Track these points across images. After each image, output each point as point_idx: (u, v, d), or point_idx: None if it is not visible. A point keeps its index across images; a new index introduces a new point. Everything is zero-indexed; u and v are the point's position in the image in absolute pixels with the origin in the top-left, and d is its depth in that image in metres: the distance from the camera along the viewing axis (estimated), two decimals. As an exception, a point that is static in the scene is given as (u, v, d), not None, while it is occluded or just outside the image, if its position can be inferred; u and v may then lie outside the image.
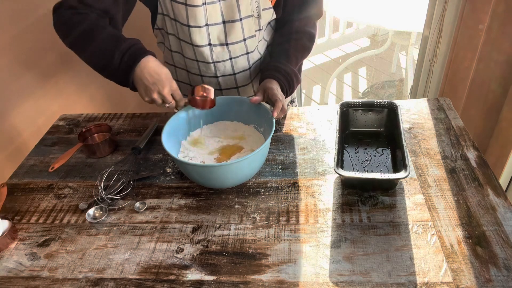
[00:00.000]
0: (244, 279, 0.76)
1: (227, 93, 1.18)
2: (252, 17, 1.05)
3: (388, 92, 2.95)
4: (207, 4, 1.00)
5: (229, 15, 1.03)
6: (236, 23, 1.04)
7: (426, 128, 1.08)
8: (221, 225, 0.88)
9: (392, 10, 2.55)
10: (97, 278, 0.80)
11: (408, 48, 2.71)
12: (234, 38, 1.07)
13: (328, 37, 3.42)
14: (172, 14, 1.03)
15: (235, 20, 1.04)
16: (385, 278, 0.74)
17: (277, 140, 1.10)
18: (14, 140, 1.41)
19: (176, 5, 1.00)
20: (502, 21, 1.32)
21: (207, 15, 1.01)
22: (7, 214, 0.96)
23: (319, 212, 0.88)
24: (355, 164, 0.99)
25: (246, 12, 1.03)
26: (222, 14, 1.03)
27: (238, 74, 1.14)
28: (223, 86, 1.16)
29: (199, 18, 1.01)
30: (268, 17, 1.08)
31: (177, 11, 1.01)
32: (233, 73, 1.14)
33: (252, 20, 1.06)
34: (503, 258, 0.75)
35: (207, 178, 0.92)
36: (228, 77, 1.14)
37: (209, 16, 1.02)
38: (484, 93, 1.48)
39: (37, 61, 1.43)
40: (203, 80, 1.16)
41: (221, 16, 1.03)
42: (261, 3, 1.04)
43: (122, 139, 1.18)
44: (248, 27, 1.06)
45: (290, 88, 1.08)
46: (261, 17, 1.06)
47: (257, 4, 1.03)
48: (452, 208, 0.86)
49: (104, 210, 0.94)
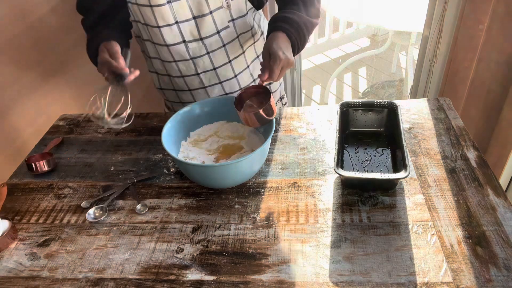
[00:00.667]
0: (244, 279, 0.76)
1: (211, 90, 1.18)
2: (222, 8, 1.05)
3: (388, 92, 2.95)
4: (172, 1, 1.00)
5: (198, 10, 1.03)
6: (207, 16, 1.04)
7: (426, 128, 1.08)
8: (221, 225, 0.88)
9: (392, 10, 2.55)
10: (97, 278, 0.80)
11: (408, 48, 2.71)
12: (208, 32, 1.07)
13: (328, 37, 3.42)
14: (142, 19, 1.04)
15: (205, 14, 1.04)
16: (385, 278, 0.74)
17: (277, 140, 1.10)
18: (14, 140, 1.41)
19: (142, 9, 1.01)
20: (502, 21, 1.32)
21: (175, 13, 1.02)
22: (7, 214, 0.96)
23: (319, 212, 0.88)
24: (355, 164, 0.99)
25: (215, 4, 1.03)
26: (191, 9, 1.03)
27: (218, 69, 1.14)
28: (206, 83, 1.16)
29: (166, 17, 1.01)
30: (240, 5, 1.07)
31: (145, 15, 1.02)
32: (213, 67, 1.13)
33: (223, 11, 1.05)
34: (503, 258, 0.75)
35: (207, 178, 0.92)
36: (210, 73, 1.14)
37: (177, 13, 1.02)
38: (484, 93, 1.48)
39: (37, 61, 1.43)
40: (185, 81, 1.16)
41: (190, 12, 1.03)
42: None
43: (122, 139, 1.18)
44: (220, 19, 1.06)
45: (301, 37, 1.00)
46: (231, 7, 1.06)
47: None
48: (452, 208, 0.86)
49: (104, 209, 0.94)
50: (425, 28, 1.62)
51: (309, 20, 1.03)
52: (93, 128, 1.24)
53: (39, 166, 1.06)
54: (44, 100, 1.48)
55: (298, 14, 1.01)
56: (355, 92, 3.09)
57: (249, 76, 1.21)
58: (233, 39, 1.11)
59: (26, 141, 1.42)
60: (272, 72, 0.91)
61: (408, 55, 2.71)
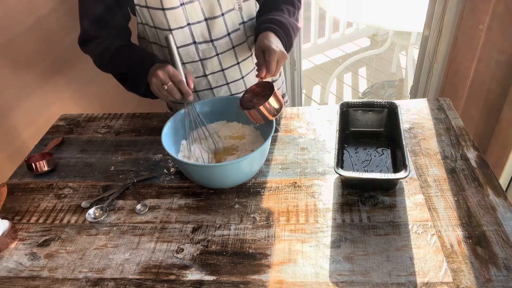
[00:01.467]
0: (244, 279, 0.76)
1: (218, 91, 1.18)
2: (234, 11, 1.05)
3: (388, 92, 2.95)
4: (185, 4, 1.00)
5: (211, 12, 1.03)
6: (219, 18, 1.04)
7: (426, 128, 1.08)
8: (221, 225, 0.88)
9: (392, 10, 2.55)
10: (97, 278, 0.80)
11: (408, 48, 2.71)
12: (219, 34, 1.07)
13: (328, 37, 3.42)
14: (151, 22, 1.03)
15: (217, 16, 1.04)
16: (385, 278, 0.74)
17: (277, 140, 1.10)
18: (14, 140, 1.41)
19: (154, 12, 1.00)
20: (502, 21, 1.32)
21: (187, 15, 1.02)
22: (7, 214, 0.96)
23: (319, 212, 0.88)
24: (355, 164, 0.99)
25: (227, 7, 1.04)
26: (203, 11, 1.03)
27: (226, 70, 1.14)
28: (213, 85, 1.16)
29: (179, 19, 1.01)
30: (251, 8, 1.08)
31: (156, 18, 1.01)
32: (221, 69, 1.13)
33: (234, 14, 1.06)
34: (503, 258, 0.75)
35: (207, 178, 0.92)
36: (217, 74, 1.14)
37: (189, 16, 1.02)
38: (484, 93, 1.48)
39: (37, 61, 1.43)
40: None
41: (202, 14, 1.03)
42: None
43: (122, 139, 1.18)
44: (231, 21, 1.07)
45: (288, 37, 1.04)
46: (243, 9, 1.07)
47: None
48: (452, 208, 0.86)
49: (104, 209, 0.94)
50: (425, 28, 1.62)
51: (295, 23, 1.06)
52: (93, 128, 1.24)
53: (39, 166, 1.06)
54: (44, 100, 1.48)
55: (284, 17, 1.03)
56: (355, 92, 3.09)
57: (254, 79, 1.22)
58: (242, 42, 1.12)
59: (26, 141, 1.42)
60: (269, 65, 0.92)
61: (408, 55, 2.71)
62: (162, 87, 0.92)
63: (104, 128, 1.23)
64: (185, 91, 0.93)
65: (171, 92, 0.93)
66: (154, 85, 0.94)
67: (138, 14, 1.03)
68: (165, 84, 0.92)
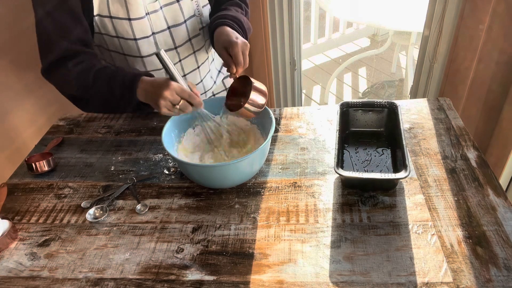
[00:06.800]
0: (244, 279, 0.76)
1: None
2: (195, 17, 1.08)
3: (388, 92, 2.96)
4: (150, 13, 1.01)
5: (174, 20, 1.05)
6: (181, 26, 1.07)
7: (426, 128, 1.08)
8: (221, 225, 0.88)
9: (392, 10, 2.55)
10: (97, 278, 0.80)
11: (408, 48, 2.71)
12: (181, 40, 1.09)
13: (328, 37, 3.42)
14: (113, 32, 1.02)
15: (180, 23, 1.06)
16: (385, 278, 0.74)
17: (277, 140, 1.10)
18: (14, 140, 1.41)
19: (119, 22, 1.00)
20: (502, 21, 1.32)
21: (152, 24, 1.03)
22: (7, 214, 0.96)
23: (319, 212, 0.88)
24: (355, 164, 0.99)
25: (188, 13, 1.07)
26: (166, 20, 1.04)
27: (188, 75, 1.17)
28: None
29: (145, 29, 1.02)
30: (207, 14, 1.11)
31: (121, 28, 1.00)
32: (183, 74, 1.16)
33: (195, 19, 1.09)
34: (503, 258, 0.75)
35: (207, 178, 0.92)
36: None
37: (154, 25, 1.03)
38: (484, 93, 1.48)
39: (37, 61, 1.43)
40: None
41: (165, 22, 1.05)
42: (200, 1, 1.07)
43: (122, 139, 1.18)
44: (193, 27, 1.09)
45: (242, 28, 1.04)
46: (202, 15, 1.09)
47: (196, 2, 1.06)
48: (452, 208, 0.86)
49: (104, 209, 0.94)
50: (425, 28, 1.62)
51: (246, 19, 1.08)
52: (93, 128, 1.24)
53: (39, 166, 1.06)
54: (44, 100, 1.48)
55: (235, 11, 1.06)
56: (355, 92, 3.09)
57: (210, 79, 1.26)
58: (202, 46, 1.15)
59: (26, 141, 1.42)
60: (236, 58, 0.93)
61: (408, 55, 2.71)
62: (174, 107, 0.88)
63: (104, 128, 1.23)
64: (197, 103, 0.90)
65: (183, 109, 0.90)
66: (164, 107, 0.88)
67: (96, 24, 1.01)
68: (176, 104, 0.88)
